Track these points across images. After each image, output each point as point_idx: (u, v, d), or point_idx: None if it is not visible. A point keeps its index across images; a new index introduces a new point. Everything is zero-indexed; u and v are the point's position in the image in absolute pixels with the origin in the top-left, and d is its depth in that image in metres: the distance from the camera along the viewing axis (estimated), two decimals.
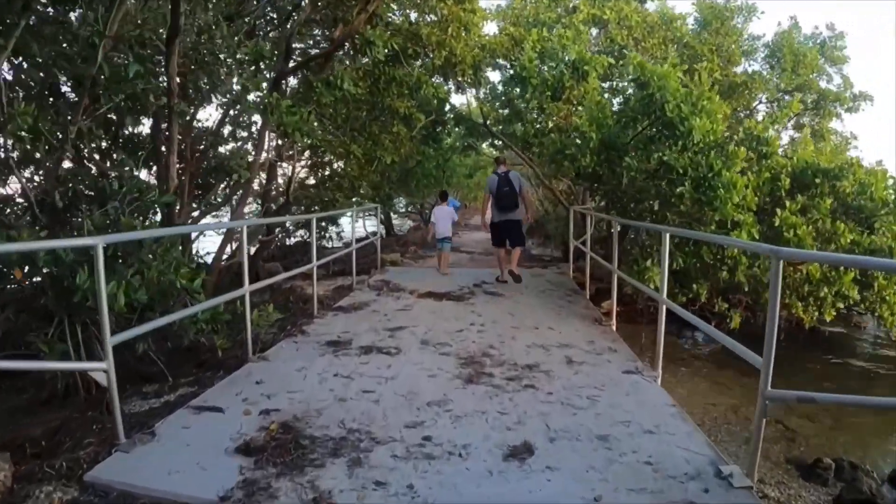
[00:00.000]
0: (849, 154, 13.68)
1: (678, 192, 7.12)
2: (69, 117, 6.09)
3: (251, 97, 6.86)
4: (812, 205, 7.81)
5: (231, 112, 10.07)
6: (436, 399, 4.37)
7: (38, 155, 6.05)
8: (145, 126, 8.06)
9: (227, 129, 10.60)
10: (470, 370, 5.05)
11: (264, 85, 7.05)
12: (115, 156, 6.48)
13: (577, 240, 9.98)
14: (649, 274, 7.22)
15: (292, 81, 10.11)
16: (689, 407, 5.76)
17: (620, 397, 4.47)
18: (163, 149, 6.96)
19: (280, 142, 11.16)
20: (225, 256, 8.98)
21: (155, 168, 7.28)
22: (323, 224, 14.23)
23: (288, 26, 8.55)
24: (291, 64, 8.90)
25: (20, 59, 6.02)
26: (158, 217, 6.50)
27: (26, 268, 4.81)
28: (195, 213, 9.98)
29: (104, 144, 7.30)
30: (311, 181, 13.31)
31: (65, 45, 6.22)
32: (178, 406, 4.37)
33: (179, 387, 5.53)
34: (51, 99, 6.63)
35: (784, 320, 8.23)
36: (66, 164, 6.54)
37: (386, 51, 8.52)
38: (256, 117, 9.42)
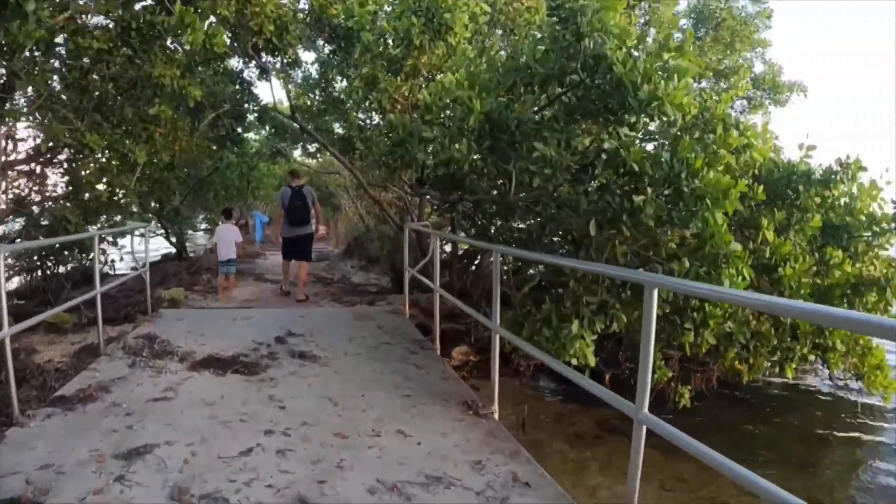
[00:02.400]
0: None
1: (636, 203, 4.98)
2: None
3: None
4: (790, 223, 6.51)
5: None
6: None
7: None
8: None
9: None
10: None
11: None
12: None
13: (414, 265, 8.96)
14: (577, 345, 5.07)
15: None
16: None
17: None
18: None
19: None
20: None
21: None
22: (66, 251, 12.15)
23: None
24: None
25: None
26: None
27: None
28: None
29: None
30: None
31: None
32: None
33: None
34: None
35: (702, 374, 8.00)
36: None
37: None
38: None
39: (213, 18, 8.65)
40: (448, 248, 11.01)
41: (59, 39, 7.59)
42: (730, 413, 8.05)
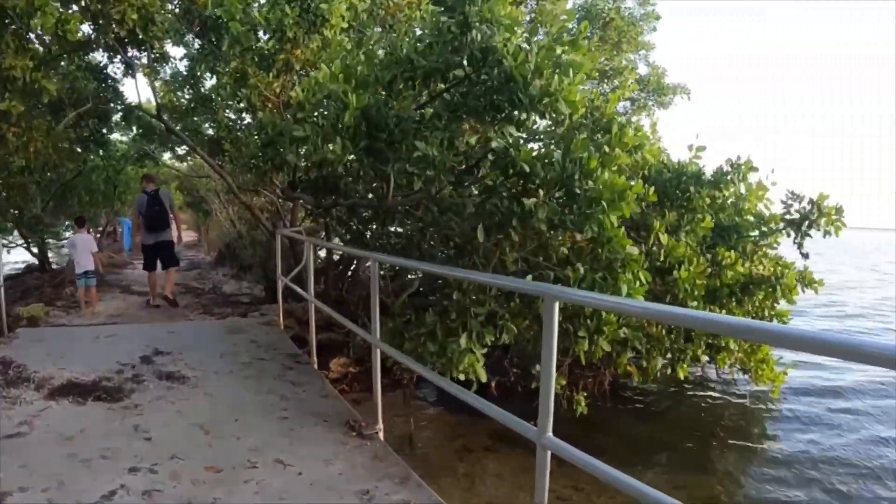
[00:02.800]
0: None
1: (527, 207, 4.73)
2: None
3: None
4: (681, 225, 6.61)
5: None
6: None
7: None
8: None
9: None
10: None
11: None
12: None
13: (288, 273, 8.61)
14: (466, 360, 4.82)
15: None
16: None
17: None
18: None
19: None
20: None
21: None
22: None
23: None
24: None
25: None
26: None
27: None
28: None
29: None
30: None
31: None
32: None
33: None
34: None
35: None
36: None
37: None
38: None
39: (75, 7, 8.25)
40: (323, 253, 10.82)
41: None
42: (624, 417, 8.11)
